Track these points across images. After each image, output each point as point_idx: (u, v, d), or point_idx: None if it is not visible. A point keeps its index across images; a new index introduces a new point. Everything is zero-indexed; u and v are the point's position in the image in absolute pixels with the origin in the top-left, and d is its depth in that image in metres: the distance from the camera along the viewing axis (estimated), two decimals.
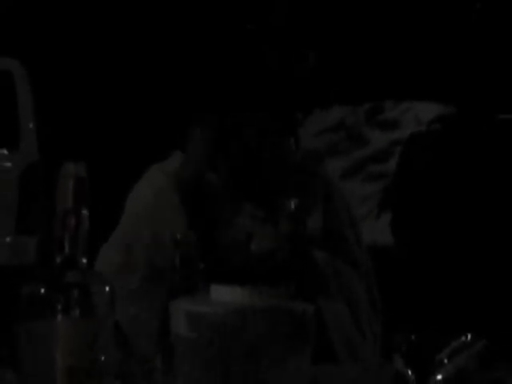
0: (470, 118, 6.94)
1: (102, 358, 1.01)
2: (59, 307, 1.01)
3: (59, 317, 1.01)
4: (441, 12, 8.76)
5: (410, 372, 1.17)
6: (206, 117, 1.56)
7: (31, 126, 5.13)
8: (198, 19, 7.21)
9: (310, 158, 1.68)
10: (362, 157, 9.47)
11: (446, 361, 1.15)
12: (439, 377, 1.14)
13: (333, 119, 9.59)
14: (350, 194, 9.69)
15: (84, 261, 1.03)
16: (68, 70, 7.82)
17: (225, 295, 0.98)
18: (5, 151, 5.20)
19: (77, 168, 1.04)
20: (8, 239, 4.89)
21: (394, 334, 1.19)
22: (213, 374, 0.96)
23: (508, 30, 8.39)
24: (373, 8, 8.90)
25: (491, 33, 8.65)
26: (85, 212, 1.03)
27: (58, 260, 1.03)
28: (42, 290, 1.01)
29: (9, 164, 5.11)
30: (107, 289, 1.03)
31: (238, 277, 0.99)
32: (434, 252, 6.00)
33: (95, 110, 7.82)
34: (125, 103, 7.82)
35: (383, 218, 8.65)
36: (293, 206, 1.26)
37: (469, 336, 1.15)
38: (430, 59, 8.91)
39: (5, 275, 4.30)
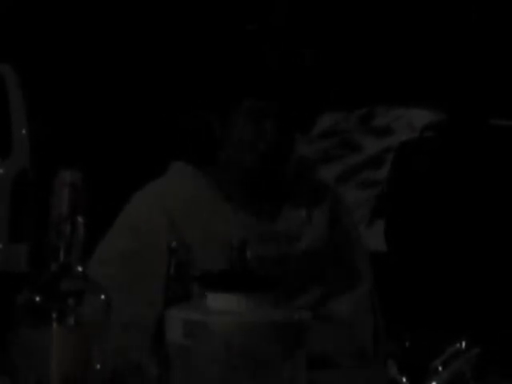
0: (463, 124, 6.96)
1: (98, 366, 1.01)
2: (54, 316, 1.01)
3: (54, 325, 1.01)
4: (434, 19, 8.79)
5: (404, 379, 1.17)
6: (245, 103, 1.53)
7: (24, 132, 5.12)
8: (196, 21, 7.20)
9: (305, 165, 1.68)
10: (355, 163, 9.48)
11: (440, 367, 1.15)
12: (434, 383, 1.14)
13: (325, 125, 9.61)
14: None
15: (79, 269, 1.03)
16: (62, 76, 7.81)
17: (221, 303, 0.98)
18: None
19: (72, 175, 1.04)
20: (1, 246, 4.87)
21: (388, 340, 1.19)
22: (209, 381, 0.97)
23: (500, 37, 8.42)
24: (364, 14, 8.92)
25: (484, 39, 8.67)
26: (80, 220, 1.03)
27: (53, 268, 1.03)
28: (37, 299, 1.01)
29: (1, 170, 5.10)
30: (102, 297, 1.03)
31: (234, 284, 0.99)
32: (428, 259, 6.01)
33: (89, 116, 7.80)
34: (119, 109, 7.81)
35: (376, 225, 8.65)
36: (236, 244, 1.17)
37: (463, 343, 1.16)
38: (422, 65, 8.93)
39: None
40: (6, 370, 1.06)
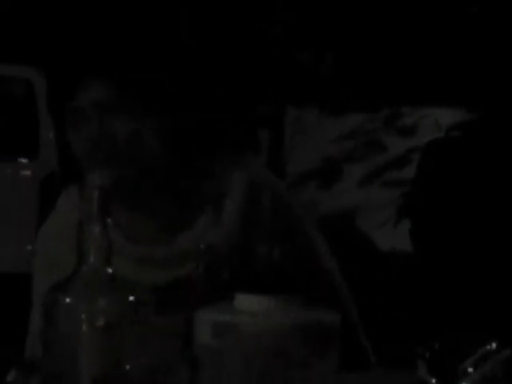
0: (491, 124, 6.89)
1: (127, 366, 1.02)
2: (83, 317, 1.01)
3: (84, 327, 1.01)
4: (463, 17, 8.72)
5: (433, 380, 1.16)
6: None
7: (51, 135, 5.16)
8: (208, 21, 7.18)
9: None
10: (380, 163, 9.45)
11: (470, 369, 1.14)
12: None
13: (350, 125, 9.59)
14: (368, 201, 9.70)
15: (108, 270, 1.04)
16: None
17: (250, 304, 0.98)
18: (25, 160, 5.23)
19: (101, 178, 1.04)
20: (29, 247, 4.91)
21: (417, 341, 1.18)
22: (238, 383, 0.97)
23: None
24: (390, 14, 8.88)
25: None
26: (109, 221, 1.03)
27: (82, 269, 1.04)
28: (67, 300, 1.02)
29: (29, 173, 5.15)
30: (131, 298, 1.04)
31: (263, 286, 0.99)
32: (454, 259, 5.97)
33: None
34: None
35: (402, 225, 8.61)
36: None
37: (494, 344, 1.15)
38: (450, 63, 8.87)
39: (27, 283, 4.31)
40: (36, 369, 1.07)
